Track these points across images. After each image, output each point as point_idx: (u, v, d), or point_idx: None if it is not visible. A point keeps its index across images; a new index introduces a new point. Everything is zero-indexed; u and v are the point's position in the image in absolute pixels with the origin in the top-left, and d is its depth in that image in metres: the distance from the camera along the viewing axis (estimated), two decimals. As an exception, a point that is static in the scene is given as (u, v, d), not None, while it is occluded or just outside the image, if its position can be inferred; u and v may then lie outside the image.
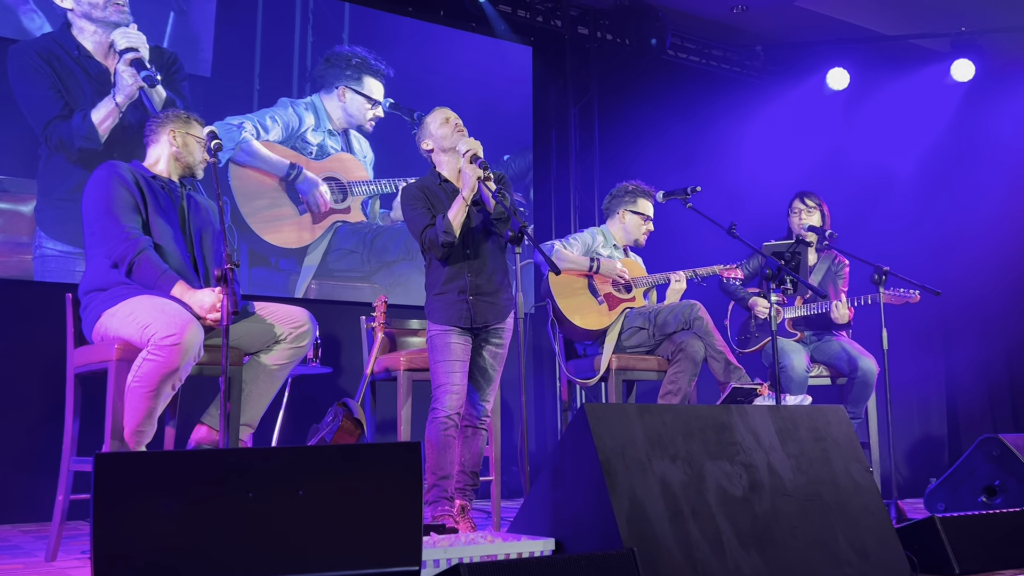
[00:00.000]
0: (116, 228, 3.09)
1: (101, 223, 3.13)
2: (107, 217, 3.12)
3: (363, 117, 5.67)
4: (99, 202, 3.15)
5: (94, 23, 4.80)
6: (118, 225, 3.09)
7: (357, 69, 5.67)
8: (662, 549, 2.26)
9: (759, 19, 6.73)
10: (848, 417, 2.92)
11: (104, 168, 3.22)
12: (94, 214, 3.16)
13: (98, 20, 4.81)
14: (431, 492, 3.37)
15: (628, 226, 4.43)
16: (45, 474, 4.00)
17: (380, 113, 5.70)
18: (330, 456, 2.02)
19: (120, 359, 2.97)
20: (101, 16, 4.82)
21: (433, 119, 3.59)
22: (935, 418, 7.04)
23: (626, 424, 2.44)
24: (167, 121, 3.38)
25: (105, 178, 3.18)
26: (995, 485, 4.13)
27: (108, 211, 3.12)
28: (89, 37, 4.80)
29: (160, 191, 3.28)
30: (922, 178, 6.94)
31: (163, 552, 1.77)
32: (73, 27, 4.77)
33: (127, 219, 3.11)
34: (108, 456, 1.79)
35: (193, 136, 3.37)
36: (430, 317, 3.46)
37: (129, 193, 3.15)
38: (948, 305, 6.35)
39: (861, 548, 2.58)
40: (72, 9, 4.78)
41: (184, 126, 3.38)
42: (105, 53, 4.84)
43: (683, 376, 4.03)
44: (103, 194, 3.15)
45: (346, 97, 5.61)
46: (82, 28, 4.79)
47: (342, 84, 5.60)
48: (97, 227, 3.15)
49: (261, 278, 5.20)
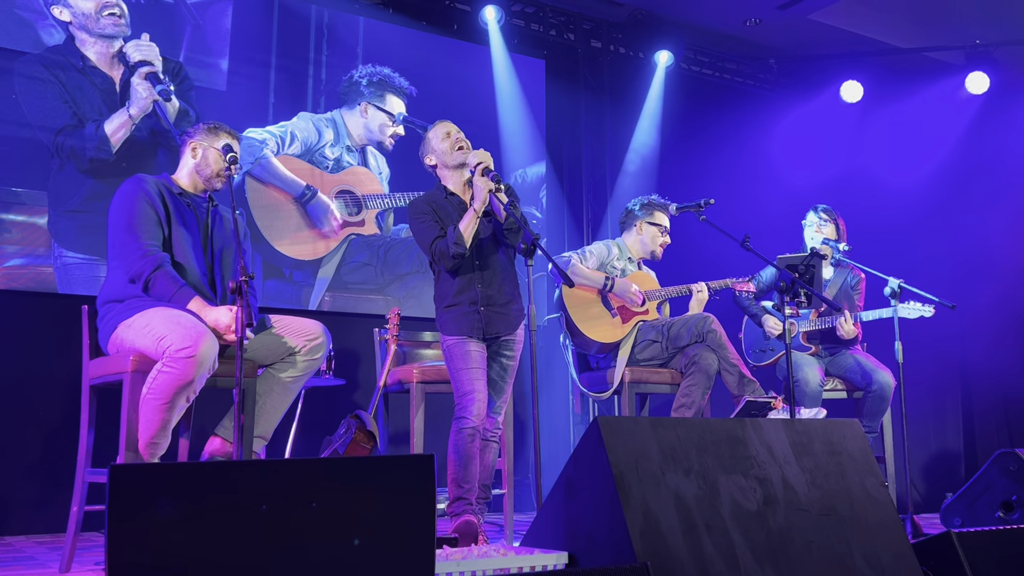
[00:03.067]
0: (135, 244, 3.11)
1: (122, 239, 3.15)
2: (128, 233, 3.13)
3: (383, 134, 5.69)
4: (122, 217, 3.17)
5: (92, 36, 4.84)
6: (137, 241, 3.11)
7: (380, 86, 5.70)
8: (676, 564, 2.25)
9: (773, 32, 6.73)
10: (863, 431, 2.90)
11: (131, 182, 3.24)
12: (116, 229, 3.18)
13: (95, 33, 4.84)
14: (456, 504, 3.35)
15: (646, 238, 4.43)
16: (60, 485, 4.01)
17: (401, 131, 5.73)
18: (343, 468, 2.02)
19: (135, 371, 2.98)
20: (97, 29, 4.84)
21: (434, 134, 3.59)
22: (951, 432, 6.99)
23: (639, 437, 2.43)
24: (195, 134, 3.37)
25: (131, 193, 3.19)
26: (1012, 500, 4.09)
27: (130, 227, 3.14)
28: (91, 48, 4.83)
29: (185, 208, 3.29)
30: (937, 191, 6.91)
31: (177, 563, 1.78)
32: (76, 39, 4.81)
33: (147, 236, 3.12)
34: (123, 467, 1.79)
35: (216, 149, 3.34)
36: (443, 329, 3.46)
37: (153, 209, 3.17)
38: (963, 318, 6.31)
39: (877, 563, 2.56)
40: (71, 22, 4.81)
41: (208, 139, 3.35)
42: (109, 63, 4.87)
43: (696, 389, 4.02)
44: (127, 209, 3.17)
45: (368, 113, 5.64)
46: (84, 40, 4.82)
47: (364, 100, 5.63)
48: (118, 242, 3.17)
49: (275, 290, 5.22)
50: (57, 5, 4.77)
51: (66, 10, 4.79)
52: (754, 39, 6.86)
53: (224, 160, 3.25)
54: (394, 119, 5.71)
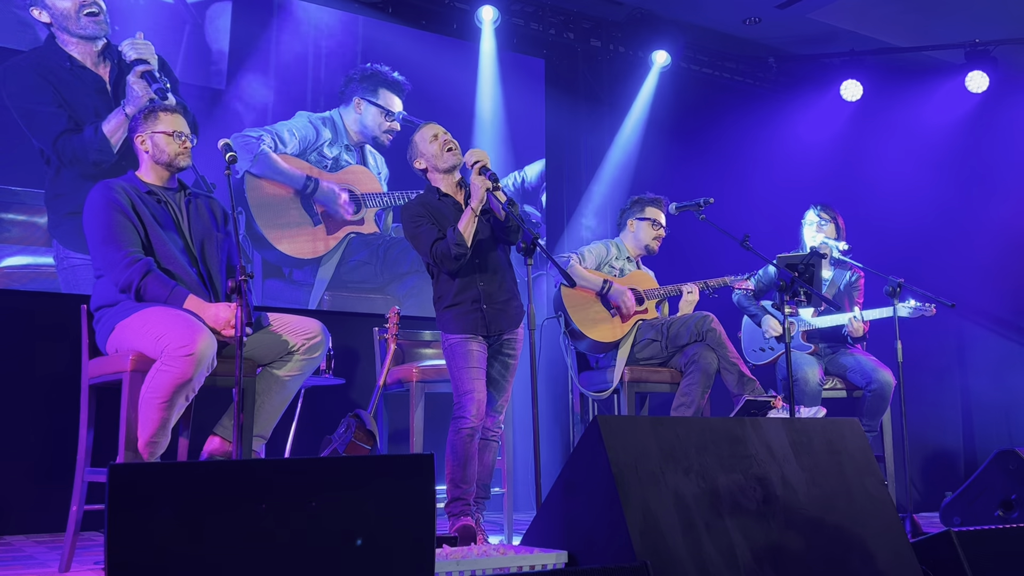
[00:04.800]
0: (117, 255, 3.07)
1: (102, 251, 3.10)
2: (107, 245, 3.08)
3: (378, 129, 5.68)
4: (97, 230, 3.11)
5: (73, 36, 4.79)
6: (119, 251, 3.07)
7: (371, 80, 5.69)
8: (675, 563, 2.25)
9: (772, 31, 6.73)
10: (863, 430, 2.90)
11: (97, 191, 3.16)
12: (94, 242, 3.13)
13: (76, 33, 4.79)
14: (454, 504, 3.34)
15: (638, 234, 4.43)
16: (59, 485, 4.01)
17: (396, 126, 5.72)
18: (343, 468, 2.02)
19: (134, 370, 2.98)
20: (77, 29, 4.78)
21: (421, 137, 3.53)
22: (950, 431, 6.99)
23: (639, 436, 2.43)
24: (136, 129, 3.26)
25: (99, 204, 3.12)
26: (1012, 499, 4.09)
27: (107, 239, 3.08)
28: (75, 48, 4.77)
29: (156, 206, 3.22)
30: (936, 190, 6.90)
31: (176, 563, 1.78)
32: (58, 39, 4.74)
33: (127, 243, 3.08)
34: (122, 467, 1.79)
35: (160, 132, 3.22)
36: (444, 328, 3.45)
37: (125, 217, 3.11)
38: (963, 317, 6.32)
39: (876, 562, 2.56)
40: (51, 23, 4.74)
41: (148, 125, 3.24)
42: (95, 62, 4.83)
43: (696, 388, 4.02)
44: (100, 222, 3.10)
45: (361, 109, 5.63)
46: (66, 40, 4.76)
47: (358, 96, 5.63)
48: (99, 255, 3.13)
49: (275, 289, 5.22)
50: (36, 7, 4.69)
51: (44, 12, 4.71)
52: (753, 38, 6.86)
53: (176, 141, 3.20)
54: (390, 115, 5.70)
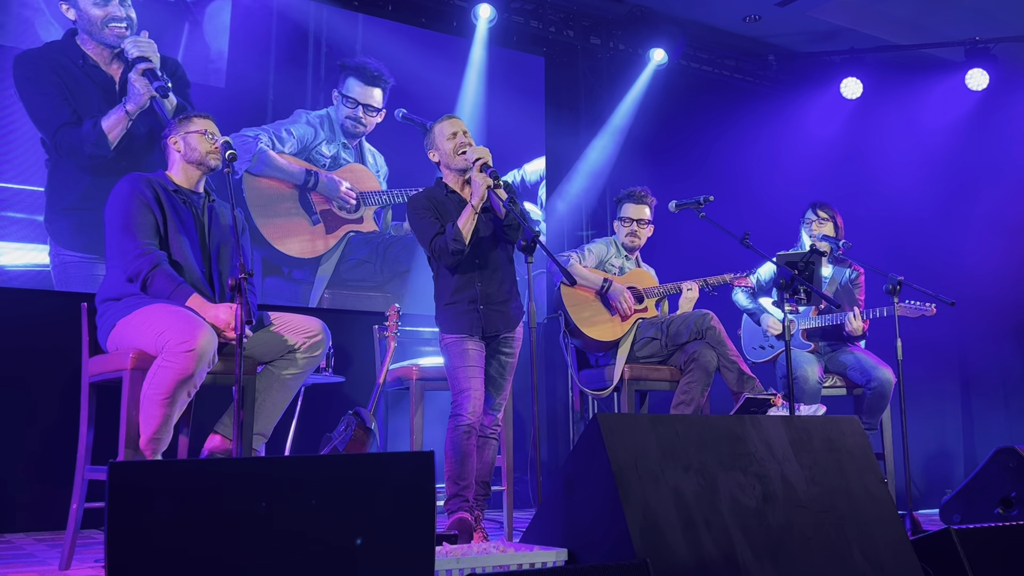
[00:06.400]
0: (131, 244, 3.12)
1: (118, 239, 3.16)
2: (124, 233, 3.15)
3: (344, 118, 5.57)
4: (118, 217, 3.18)
5: (94, 40, 4.84)
6: (134, 241, 3.12)
7: (340, 70, 5.62)
8: (675, 560, 2.25)
9: (772, 29, 6.72)
10: (862, 428, 2.90)
11: (126, 182, 3.24)
12: (113, 229, 3.19)
13: (97, 39, 4.84)
14: (452, 501, 3.35)
15: (619, 234, 4.45)
16: (60, 483, 4.01)
17: (373, 118, 5.65)
18: (342, 465, 2.02)
19: (135, 368, 2.98)
20: (100, 36, 4.84)
21: (440, 131, 3.57)
22: (950, 429, 7.00)
23: (639, 434, 2.43)
24: (170, 132, 3.38)
25: (126, 194, 3.20)
26: (1011, 497, 4.10)
27: (126, 227, 3.15)
28: (92, 48, 4.84)
29: (181, 205, 3.29)
30: (936, 187, 6.91)
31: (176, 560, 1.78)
32: (78, 37, 4.81)
33: (143, 235, 3.14)
34: (123, 464, 1.79)
35: (193, 132, 3.33)
36: (442, 327, 3.46)
37: (148, 208, 3.18)
38: (963, 315, 6.31)
39: (876, 560, 2.56)
40: (75, 21, 4.81)
41: (182, 128, 3.35)
42: (108, 62, 4.86)
43: (696, 386, 4.02)
44: (122, 210, 3.18)
45: (335, 101, 5.61)
46: (85, 40, 4.83)
47: (335, 90, 5.61)
48: (115, 242, 3.18)
49: (275, 288, 5.22)
50: (65, 2, 4.77)
51: (72, 9, 4.79)
52: (753, 35, 6.86)
53: (208, 140, 3.29)
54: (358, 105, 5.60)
